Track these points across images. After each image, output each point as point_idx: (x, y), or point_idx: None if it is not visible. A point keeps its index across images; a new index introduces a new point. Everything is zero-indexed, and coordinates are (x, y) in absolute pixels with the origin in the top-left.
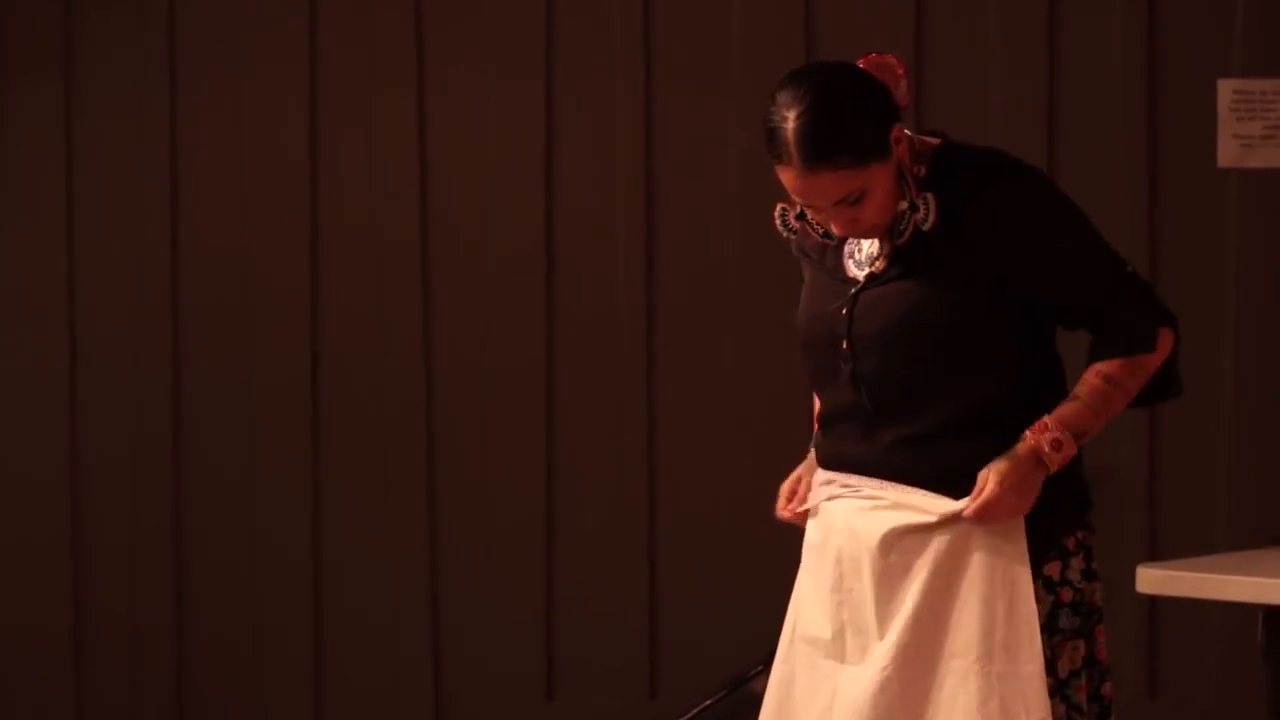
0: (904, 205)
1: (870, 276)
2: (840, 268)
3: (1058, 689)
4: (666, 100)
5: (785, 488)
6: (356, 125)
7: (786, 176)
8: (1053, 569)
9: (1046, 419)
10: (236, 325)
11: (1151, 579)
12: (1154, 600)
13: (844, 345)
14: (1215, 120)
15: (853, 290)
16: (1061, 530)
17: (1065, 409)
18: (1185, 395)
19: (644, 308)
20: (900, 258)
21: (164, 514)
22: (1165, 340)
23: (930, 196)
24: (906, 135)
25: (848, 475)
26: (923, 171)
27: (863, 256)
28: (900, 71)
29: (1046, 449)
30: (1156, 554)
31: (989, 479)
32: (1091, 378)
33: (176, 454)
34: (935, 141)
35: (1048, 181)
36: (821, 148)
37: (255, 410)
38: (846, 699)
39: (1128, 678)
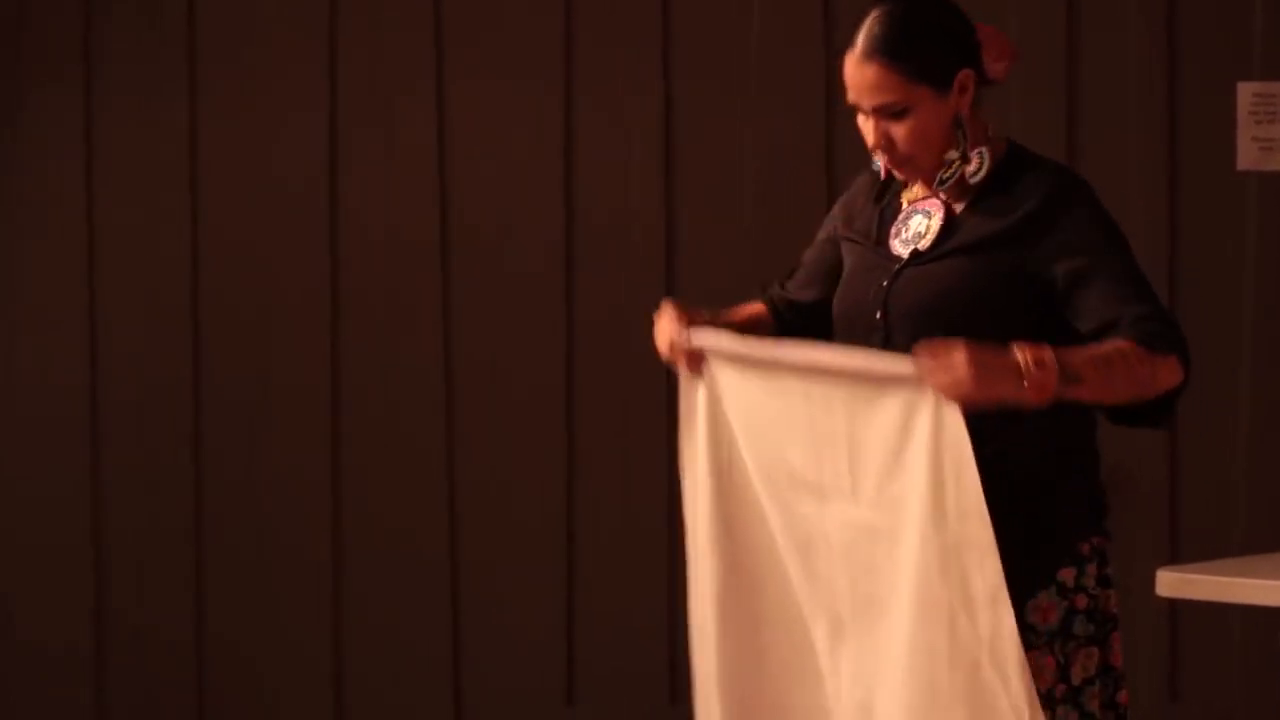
0: (953, 155)
1: (914, 254)
2: (885, 246)
3: (1071, 696)
4: (685, 105)
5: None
6: (376, 132)
7: (847, 65)
8: (1067, 575)
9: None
10: (256, 333)
11: (1171, 582)
12: (1174, 604)
13: (878, 317)
14: (1234, 123)
15: (896, 267)
16: (1076, 536)
17: (1063, 349)
18: (1204, 399)
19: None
20: (946, 238)
21: (184, 523)
22: (1174, 367)
23: (986, 150)
24: (974, 89)
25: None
26: (988, 157)
27: (909, 235)
28: (1008, 50)
29: (1029, 358)
30: (1176, 557)
31: (954, 346)
32: (1098, 343)
33: (196, 463)
34: (1005, 141)
35: (1100, 202)
36: (882, 45)
37: (275, 418)
38: (835, 542)
39: (1148, 682)
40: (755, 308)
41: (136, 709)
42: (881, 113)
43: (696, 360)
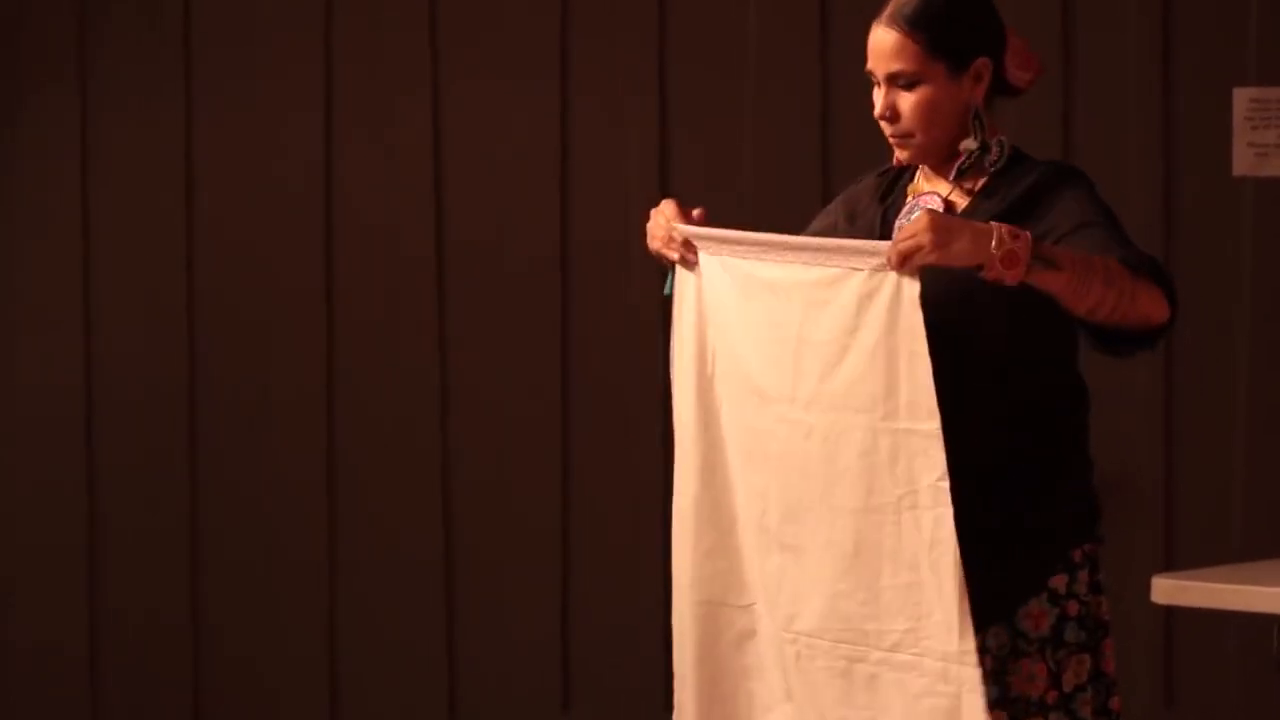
0: (970, 144)
1: None
2: (890, 236)
3: (1063, 703)
4: (682, 109)
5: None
6: (372, 135)
7: (871, 32)
8: (1059, 582)
9: None
10: (252, 335)
11: (1167, 589)
12: (1169, 610)
13: None
14: (1230, 129)
15: None
16: (1069, 543)
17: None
18: (1201, 403)
19: (660, 318)
20: None
21: (180, 526)
22: (1157, 296)
23: (1005, 140)
24: (988, 88)
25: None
26: (993, 158)
27: None
28: (1034, 64)
29: (1004, 228)
30: (1172, 564)
31: (923, 218)
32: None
33: (192, 465)
34: (1011, 148)
35: (1096, 187)
36: (907, 13)
37: (270, 421)
38: (771, 449)
39: (1143, 688)
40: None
41: (132, 709)
42: (894, 81)
43: (688, 251)
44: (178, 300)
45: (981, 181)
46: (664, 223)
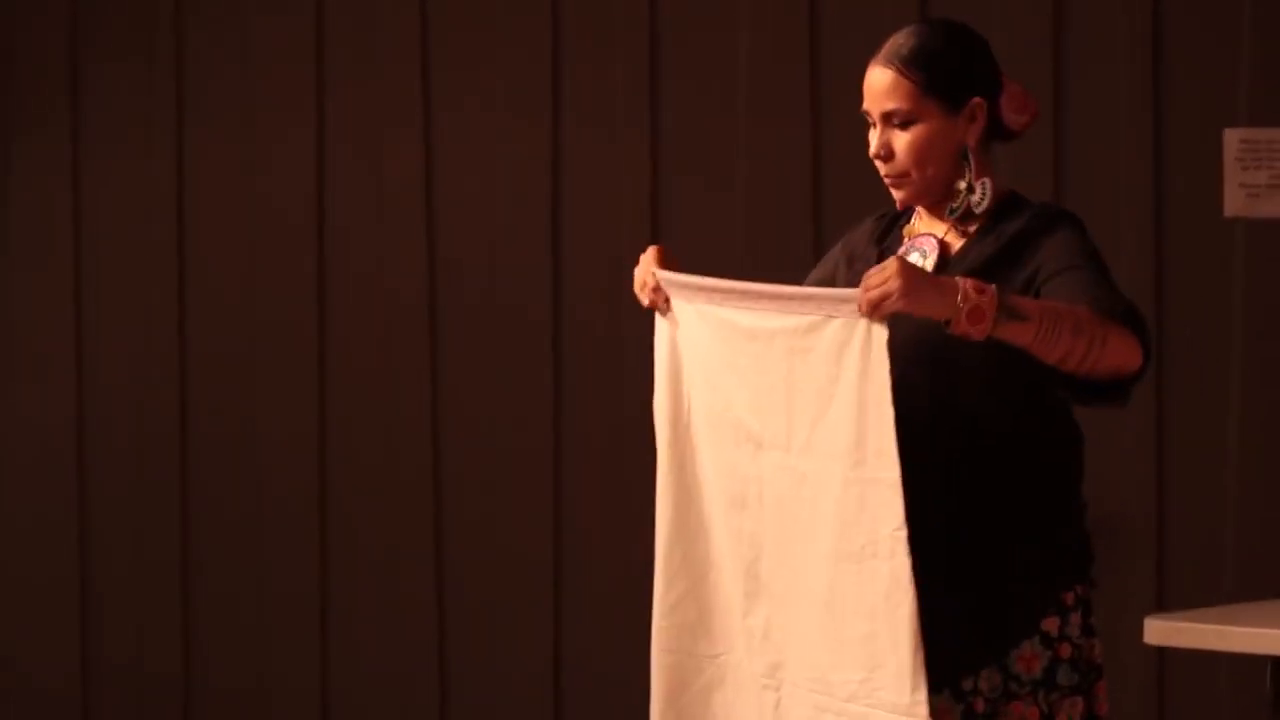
0: (962, 185)
1: None
2: None
3: None
4: (674, 144)
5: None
6: (364, 169)
7: (868, 72)
8: (1050, 624)
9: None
10: (243, 374)
11: (1159, 630)
12: (1162, 651)
13: None
14: (1221, 170)
15: None
16: (1061, 585)
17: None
18: (1193, 444)
19: (650, 356)
20: (940, 272)
21: (170, 565)
22: (1129, 341)
23: (988, 181)
24: (984, 129)
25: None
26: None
27: None
28: (1031, 107)
29: (969, 283)
30: (1164, 605)
31: (891, 264)
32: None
33: (183, 504)
34: (1007, 191)
35: (1085, 230)
36: (903, 53)
37: (261, 460)
38: (767, 495)
39: None
40: None
41: None
42: (889, 120)
43: (662, 299)
44: (169, 339)
45: (976, 224)
46: (643, 269)
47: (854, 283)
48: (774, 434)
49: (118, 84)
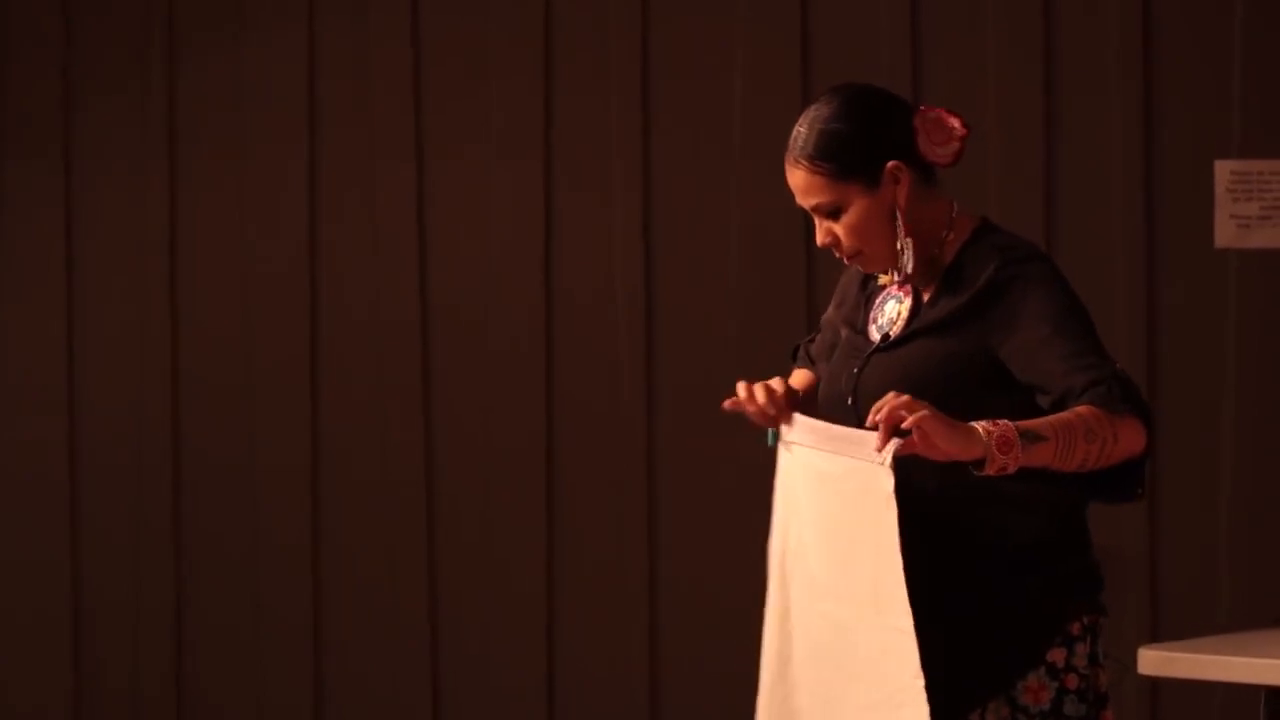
0: (899, 244)
1: (885, 338)
2: (865, 333)
3: None
4: (666, 180)
5: (757, 387)
6: (356, 205)
7: (786, 168)
8: (1057, 655)
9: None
10: (237, 403)
11: (1153, 660)
12: (1156, 681)
13: (849, 403)
14: (1213, 201)
15: (867, 352)
16: (1067, 616)
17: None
18: (1186, 474)
19: (644, 387)
20: (914, 322)
21: (166, 592)
22: (1136, 428)
23: (910, 241)
24: (912, 181)
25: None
26: (951, 238)
27: (884, 321)
28: (958, 133)
29: (985, 423)
30: (1158, 635)
31: (920, 407)
32: (1059, 412)
33: (177, 532)
34: (976, 220)
35: (1058, 272)
36: (807, 147)
37: (256, 488)
38: (813, 642)
39: None
40: (808, 376)
41: None
42: (819, 212)
43: (769, 419)
44: (163, 369)
45: (944, 265)
46: (766, 398)
47: (842, 324)
48: (826, 581)
49: (111, 116)
